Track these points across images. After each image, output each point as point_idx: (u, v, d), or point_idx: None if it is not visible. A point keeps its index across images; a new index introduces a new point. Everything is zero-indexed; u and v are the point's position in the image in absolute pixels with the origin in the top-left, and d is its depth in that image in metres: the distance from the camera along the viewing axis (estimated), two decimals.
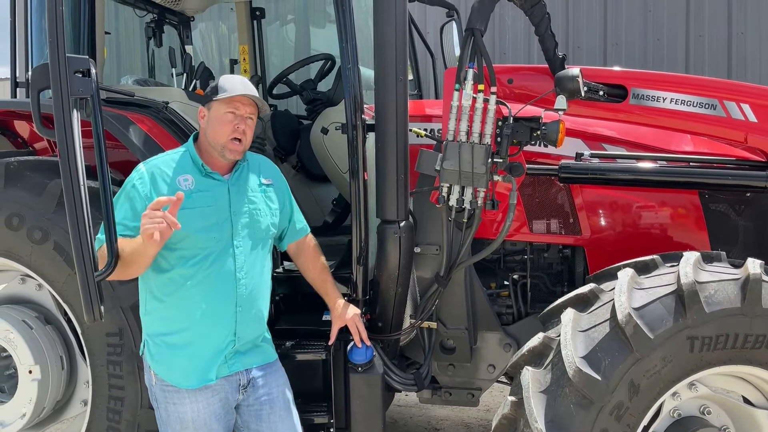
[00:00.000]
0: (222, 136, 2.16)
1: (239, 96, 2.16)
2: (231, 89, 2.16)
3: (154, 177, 2.12)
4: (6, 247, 2.72)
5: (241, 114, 2.17)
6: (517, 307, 2.81)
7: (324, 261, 2.48)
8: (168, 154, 2.23)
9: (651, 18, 6.12)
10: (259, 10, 4.44)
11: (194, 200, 2.12)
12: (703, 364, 1.99)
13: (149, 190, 2.10)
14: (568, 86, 2.35)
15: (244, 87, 2.19)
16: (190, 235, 2.10)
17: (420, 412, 4.30)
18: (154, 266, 2.13)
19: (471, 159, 2.35)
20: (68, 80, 1.68)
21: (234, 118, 2.16)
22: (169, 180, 2.12)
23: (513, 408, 2.05)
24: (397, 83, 2.37)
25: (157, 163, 2.16)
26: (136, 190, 2.10)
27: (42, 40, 3.25)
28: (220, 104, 2.17)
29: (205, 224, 2.12)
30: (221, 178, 2.20)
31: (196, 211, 2.11)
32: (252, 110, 2.21)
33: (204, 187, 2.16)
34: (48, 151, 3.15)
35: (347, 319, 2.41)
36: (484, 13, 2.38)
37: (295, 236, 2.43)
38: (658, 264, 2.16)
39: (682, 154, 2.65)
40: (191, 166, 2.18)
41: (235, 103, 2.17)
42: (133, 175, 2.14)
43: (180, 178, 2.13)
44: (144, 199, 2.08)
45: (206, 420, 2.15)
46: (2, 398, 2.84)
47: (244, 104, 2.18)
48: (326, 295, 2.45)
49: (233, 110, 2.17)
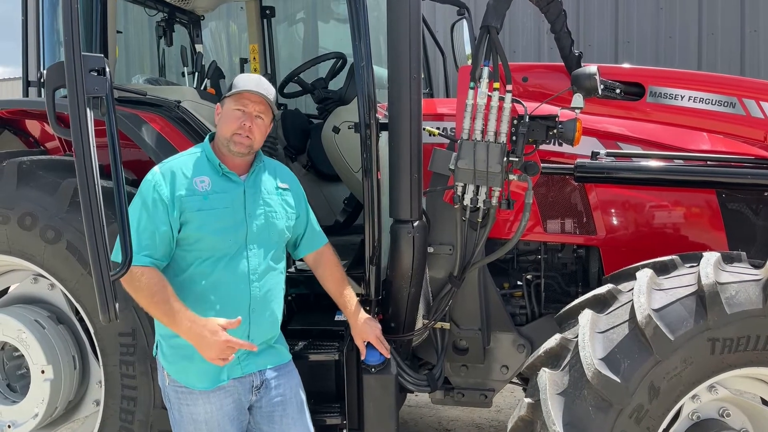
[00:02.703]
0: (228, 131, 2.16)
1: (248, 93, 2.15)
2: (243, 85, 2.16)
3: (172, 178, 2.11)
4: (19, 247, 2.72)
5: (249, 111, 2.16)
6: (531, 308, 2.79)
7: (343, 272, 2.45)
8: (183, 155, 2.21)
9: (663, 15, 6.07)
10: (269, 9, 4.43)
11: (211, 201, 2.11)
12: (724, 366, 1.96)
13: (168, 192, 2.08)
14: (586, 84, 2.32)
15: (257, 85, 2.18)
16: (206, 237, 2.09)
17: (431, 412, 4.28)
18: (169, 268, 2.12)
19: (486, 158, 2.32)
20: (83, 78, 1.67)
21: (242, 115, 2.15)
22: (186, 181, 2.11)
23: (529, 410, 2.03)
24: (411, 81, 2.35)
25: (173, 165, 2.15)
26: (156, 192, 2.09)
27: (53, 40, 3.25)
28: (231, 100, 2.17)
29: (221, 226, 2.11)
30: (238, 179, 2.19)
31: (213, 213, 2.10)
32: (262, 108, 2.19)
33: (221, 188, 2.15)
34: (59, 150, 3.15)
35: (371, 337, 2.38)
36: (500, 11, 2.36)
37: (311, 245, 2.40)
38: (678, 264, 2.13)
39: (699, 153, 2.61)
40: (208, 167, 2.17)
41: (243, 100, 2.16)
42: (148, 177, 2.13)
43: (197, 180, 2.12)
44: (164, 200, 2.07)
45: (219, 421, 2.15)
46: (15, 398, 2.85)
47: (254, 102, 2.17)
48: (345, 308, 2.41)
49: (242, 107, 2.16)
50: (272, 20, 4.47)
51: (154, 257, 2.05)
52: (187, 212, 2.08)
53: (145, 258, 2.03)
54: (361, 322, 2.38)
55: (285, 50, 5.00)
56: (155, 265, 2.06)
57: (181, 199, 2.08)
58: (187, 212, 2.08)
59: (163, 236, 2.06)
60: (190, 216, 2.08)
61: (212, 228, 2.09)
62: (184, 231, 2.09)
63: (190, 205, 2.08)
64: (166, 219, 2.07)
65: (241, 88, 2.15)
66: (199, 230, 2.09)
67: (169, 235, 2.08)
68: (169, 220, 2.07)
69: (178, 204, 2.07)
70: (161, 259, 2.09)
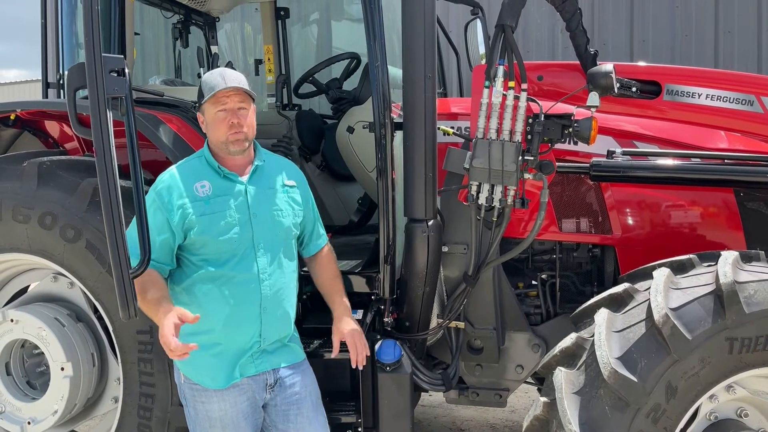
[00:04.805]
0: (221, 135, 2.15)
1: (223, 91, 2.12)
2: (214, 86, 2.12)
3: (172, 186, 2.13)
4: (39, 246, 2.76)
5: (231, 108, 2.14)
6: (546, 307, 2.78)
7: (336, 269, 2.43)
8: (185, 162, 2.23)
9: (679, 13, 6.01)
10: (284, 10, 4.46)
11: (213, 205, 2.12)
12: (742, 365, 1.94)
13: (168, 199, 2.11)
14: (601, 82, 2.31)
15: (224, 80, 2.13)
16: (212, 240, 2.11)
17: (445, 412, 4.28)
18: (178, 271, 2.15)
19: (501, 157, 2.32)
20: (104, 79, 1.69)
21: (226, 114, 2.13)
22: (187, 187, 2.13)
23: (545, 409, 2.02)
24: (426, 81, 2.36)
25: (174, 172, 2.17)
26: (156, 201, 2.12)
27: (72, 42, 3.30)
28: (209, 105, 2.15)
29: (225, 229, 2.12)
30: (239, 179, 2.19)
31: (216, 216, 2.11)
32: (240, 98, 2.15)
33: (222, 191, 2.15)
34: (78, 151, 3.19)
35: (345, 334, 2.29)
36: (515, 9, 2.35)
37: (314, 246, 2.41)
38: (695, 263, 2.11)
39: (716, 152, 2.59)
40: (208, 171, 2.17)
41: (222, 99, 2.13)
42: (153, 186, 2.16)
43: (197, 185, 2.13)
44: (164, 208, 2.10)
45: (234, 418, 2.17)
46: (35, 395, 2.89)
47: (230, 96, 2.13)
48: (331, 303, 2.37)
49: (222, 107, 2.13)
50: (286, 21, 4.50)
51: (157, 261, 2.08)
52: (190, 218, 2.09)
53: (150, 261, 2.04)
54: (340, 320, 2.31)
55: (299, 51, 5.03)
56: (158, 268, 2.09)
57: (182, 206, 2.10)
58: (190, 218, 2.09)
59: (163, 243, 2.09)
60: (193, 221, 2.10)
61: (217, 231, 2.10)
62: (190, 237, 2.11)
63: (192, 210, 2.10)
64: (165, 227, 2.09)
65: (213, 89, 2.11)
66: (204, 234, 2.10)
67: (170, 242, 2.10)
68: (170, 227, 2.09)
69: (179, 211, 2.09)
70: (163, 263, 2.12)
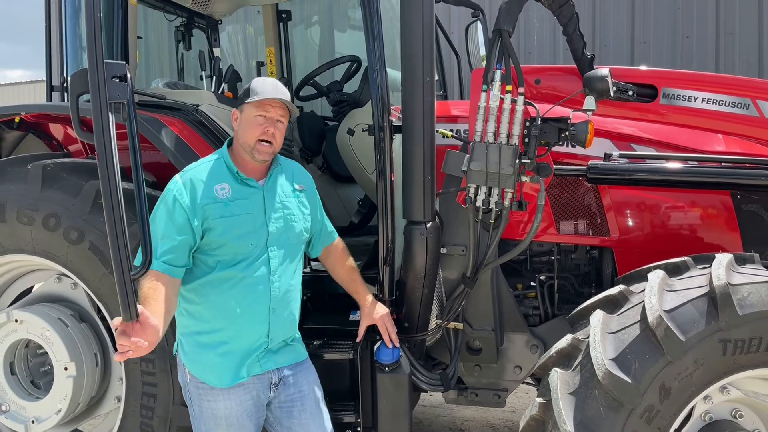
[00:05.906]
0: (251, 138, 2.19)
1: (269, 99, 2.19)
2: (262, 92, 2.19)
3: (193, 187, 2.15)
4: (43, 247, 2.79)
5: (271, 117, 2.21)
6: (544, 309, 2.80)
7: (352, 262, 2.51)
8: (202, 163, 2.25)
9: (679, 15, 6.02)
10: (286, 13, 4.49)
11: (232, 208, 2.15)
12: (736, 367, 1.96)
13: (189, 200, 2.12)
14: (597, 86, 2.33)
15: (274, 90, 2.21)
16: (229, 242, 2.14)
17: (445, 412, 4.30)
18: (191, 272, 2.17)
19: (498, 160, 2.34)
20: (106, 85, 1.72)
21: (264, 120, 2.19)
22: (207, 189, 2.15)
23: (541, 409, 2.04)
24: (424, 84, 2.39)
25: (193, 174, 2.19)
26: (177, 202, 2.12)
27: (76, 45, 3.33)
28: (251, 107, 2.20)
29: (242, 231, 2.16)
30: (256, 184, 2.23)
31: (235, 219, 2.15)
32: (282, 112, 2.24)
33: (241, 194, 2.19)
34: (82, 153, 3.23)
35: (376, 318, 2.44)
36: (512, 14, 2.38)
37: (325, 242, 2.47)
38: (690, 266, 2.13)
39: (713, 155, 2.61)
40: (227, 174, 2.21)
41: (265, 106, 2.20)
42: (170, 186, 2.17)
43: (217, 187, 2.16)
44: (185, 209, 2.11)
45: (238, 417, 2.20)
46: (38, 394, 2.93)
47: (274, 107, 2.21)
48: (356, 293, 2.49)
49: (263, 113, 2.20)
50: (288, 24, 4.53)
51: (171, 263, 2.09)
52: (210, 220, 2.12)
53: (163, 264, 2.06)
54: (369, 304, 2.45)
55: (301, 53, 5.06)
56: (170, 272, 2.08)
57: (203, 207, 2.12)
58: (210, 220, 2.12)
59: (182, 244, 2.10)
60: (212, 223, 2.12)
61: (234, 234, 2.14)
62: (207, 237, 2.14)
63: (212, 212, 2.13)
64: (187, 228, 2.10)
65: (261, 94, 2.18)
66: (222, 236, 2.13)
67: (190, 243, 2.12)
68: (191, 228, 2.11)
69: (200, 212, 2.12)
70: (180, 265, 2.12)
